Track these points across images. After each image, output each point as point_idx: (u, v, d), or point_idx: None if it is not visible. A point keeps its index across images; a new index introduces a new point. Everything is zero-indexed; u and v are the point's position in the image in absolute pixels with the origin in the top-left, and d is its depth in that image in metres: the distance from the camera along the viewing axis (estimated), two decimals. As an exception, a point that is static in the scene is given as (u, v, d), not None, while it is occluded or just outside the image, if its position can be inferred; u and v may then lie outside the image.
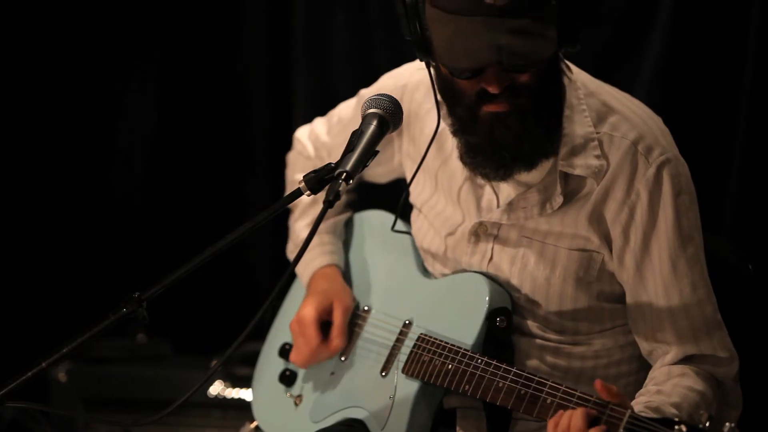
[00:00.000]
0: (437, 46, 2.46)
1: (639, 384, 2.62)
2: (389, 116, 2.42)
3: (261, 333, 3.07)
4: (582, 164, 2.57)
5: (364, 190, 3.09)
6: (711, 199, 3.59)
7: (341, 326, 2.82)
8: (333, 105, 3.07)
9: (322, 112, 3.10)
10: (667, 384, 2.53)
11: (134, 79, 4.55)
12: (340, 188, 2.29)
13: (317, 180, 2.31)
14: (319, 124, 3.09)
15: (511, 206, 2.64)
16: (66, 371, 4.14)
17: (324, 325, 2.83)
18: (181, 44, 4.53)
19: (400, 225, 2.86)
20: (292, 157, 3.13)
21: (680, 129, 2.73)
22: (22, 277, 4.47)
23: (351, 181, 2.31)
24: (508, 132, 2.50)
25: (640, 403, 2.46)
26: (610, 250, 2.60)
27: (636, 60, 3.82)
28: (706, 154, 3.67)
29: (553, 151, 2.58)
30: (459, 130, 2.58)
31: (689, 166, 2.62)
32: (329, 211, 2.31)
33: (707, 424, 2.12)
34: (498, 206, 2.67)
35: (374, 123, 2.40)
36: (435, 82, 2.60)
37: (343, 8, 4.27)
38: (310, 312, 2.82)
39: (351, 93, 3.02)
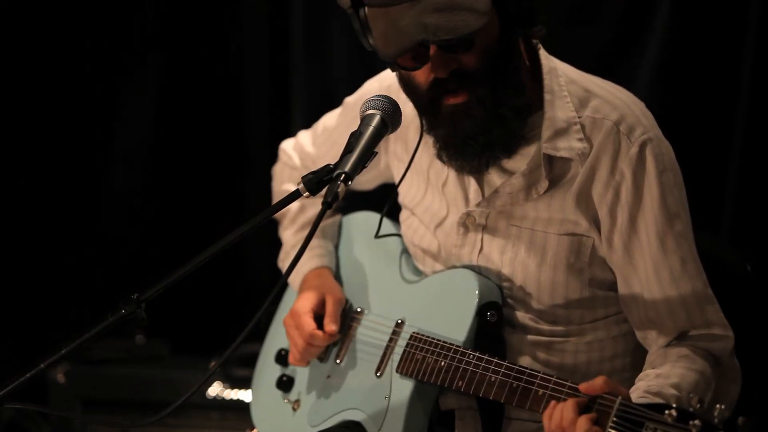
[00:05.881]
0: (377, 44, 2.47)
1: (633, 381, 2.60)
2: (388, 117, 2.43)
3: (259, 334, 3.07)
4: (566, 146, 2.58)
5: (350, 194, 3.08)
6: (709, 199, 3.60)
7: (333, 313, 2.81)
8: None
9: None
10: (665, 366, 2.53)
11: (133, 80, 4.54)
12: (339, 189, 2.30)
13: (316, 181, 2.32)
14: (303, 135, 3.10)
15: (496, 193, 2.64)
16: (64, 372, 4.13)
17: (318, 319, 2.82)
18: (181, 46, 4.52)
19: (388, 225, 2.86)
20: (278, 169, 3.13)
21: (679, 130, 2.73)
22: (21, 278, 4.47)
23: (350, 182, 2.31)
24: (472, 122, 2.52)
25: (639, 389, 2.47)
26: (600, 234, 2.60)
27: (635, 61, 3.82)
28: (705, 155, 3.67)
29: (527, 129, 2.59)
30: (429, 127, 2.61)
31: (688, 166, 2.63)
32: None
33: (698, 407, 2.13)
34: (484, 195, 2.67)
35: (373, 124, 2.40)
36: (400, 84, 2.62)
37: (341, 12, 4.26)
38: (302, 304, 2.83)
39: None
